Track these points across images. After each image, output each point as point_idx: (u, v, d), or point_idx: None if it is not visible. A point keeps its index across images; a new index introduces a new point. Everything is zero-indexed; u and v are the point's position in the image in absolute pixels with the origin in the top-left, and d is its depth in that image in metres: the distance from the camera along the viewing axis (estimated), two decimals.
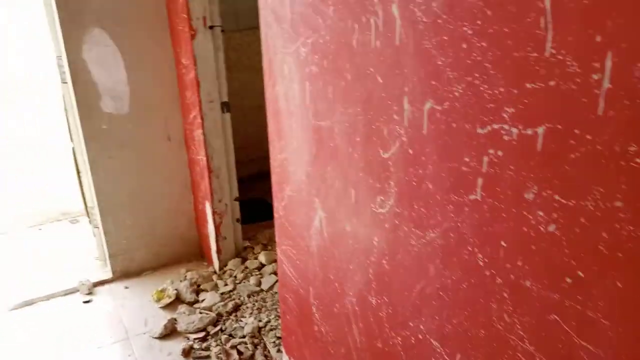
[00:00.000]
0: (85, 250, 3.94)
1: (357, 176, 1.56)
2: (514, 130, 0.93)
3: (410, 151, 1.27)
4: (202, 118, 3.14)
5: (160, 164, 3.46)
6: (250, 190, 3.62)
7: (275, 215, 2.26)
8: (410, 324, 1.46)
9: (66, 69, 3.03)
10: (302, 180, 1.95)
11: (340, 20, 1.46)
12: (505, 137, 0.95)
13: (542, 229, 0.91)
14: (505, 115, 0.94)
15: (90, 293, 3.43)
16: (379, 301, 1.59)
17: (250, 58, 4.35)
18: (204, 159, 3.25)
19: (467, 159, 1.07)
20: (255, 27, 2.62)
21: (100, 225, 3.48)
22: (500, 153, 0.98)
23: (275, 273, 3.21)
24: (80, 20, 2.93)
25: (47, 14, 3.03)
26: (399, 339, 1.53)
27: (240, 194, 3.49)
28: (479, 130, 1.02)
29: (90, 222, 3.70)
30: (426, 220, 1.27)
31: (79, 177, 3.56)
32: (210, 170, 3.27)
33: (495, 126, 0.97)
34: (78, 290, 3.45)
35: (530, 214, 0.93)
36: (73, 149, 3.48)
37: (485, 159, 1.01)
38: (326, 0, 1.51)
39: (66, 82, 3.16)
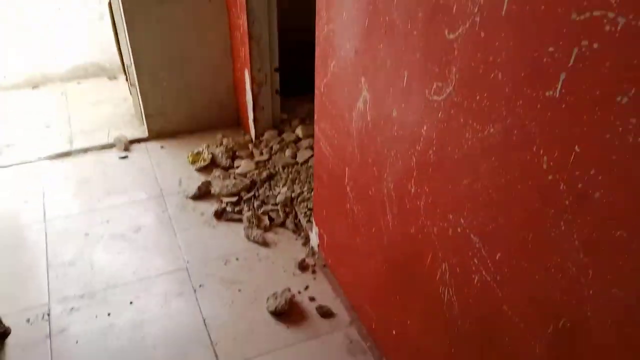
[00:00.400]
0: (122, 108, 3.95)
1: (413, 57, 1.43)
2: (621, 19, 0.79)
3: (482, 34, 1.13)
4: None
5: (200, 25, 3.31)
6: (294, 61, 3.46)
7: (316, 92, 2.16)
8: (450, 216, 1.41)
9: None
10: (349, 56, 1.81)
11: None
12: (607, 27, 0.81)
13: (630, 139, 0.81)
14: (612, 0, 0.80)
15: (126, 149, 3.49)
16: (418, 190, 1.54)
17: None
18: (245, 23, 3.08)
19: (551, 49, 0.94)
20: None
21: (137, 84, 3.44)
22: (596, 45, 0.84)
23: (311, 147, 3.18)
24: None
25: None
26: (435, 228, 1.50)
27: (283, 64, 3.36)
28: (574, 17, 0.87)
29: (127, 80, 3.66)
30: (488, 113, 1.16)
31: (116, 33, 3.45)
32: (250, 37, 3.11)
33: (597, 13, 0.82)
34: (114, 146, 3.51)
35: (619, 120, 0.82)
36: (109, 3, 3.32)
37: (575, 50, 0.88)
38: None
39: None
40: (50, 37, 4.12)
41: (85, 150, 3.46)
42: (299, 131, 3.37)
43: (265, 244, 2.65)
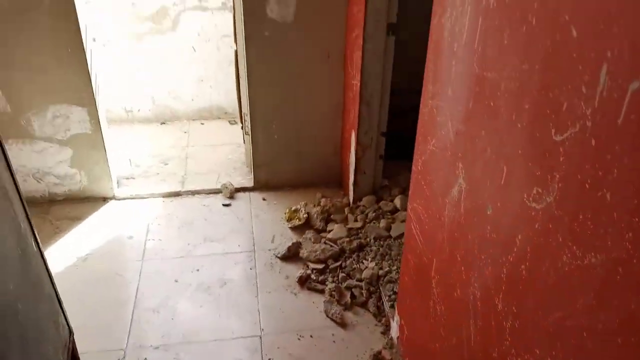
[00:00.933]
0: (236, 154, 4.08)
1: (514, 152, 1.22)
2: None
3: (593, 142, 0.90)
4: (364, 38, 2.87)
5: (316, 82, 3.32)
6: (402, 124, 3.31)
7: (414, 168, 1.99)
8: (537, 351, 1.15)
9: None
10: (449, 137, 1.63)
11: None
12: None
13: None
14: None
15: (231, 197, 3.56)
16: (505, 309, 1.29)
17: None
18: (358, 84, 3.02)
19: None
20: None
21: (250, 133, 3.52)
22: None
23: None
24: None
25: None
26: None
27: (393, 126, 3.24)
28: None
29: (242, 128, 3.77)
30: (590, 239, 0.92)
31: (238, 81, 3.59)
32: (361, 98, 3.04)
33: None
34: (221, 192, 3.60)
35: None
36: (236, 51, 3.48)
37: None
38: None
39: None
40: (184, 76, 4.41)
41: (194, 193, 3.59)
42: (397, 201, 3.19)
43: (343, 324, 2.47)
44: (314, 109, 3.41)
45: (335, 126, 3.49)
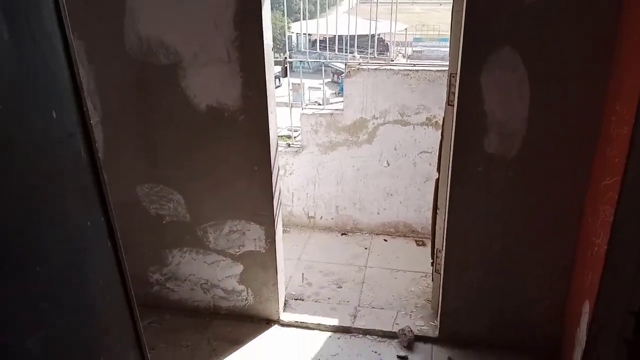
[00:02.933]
0: (420, 286, 3.46)
1: None
2: None
3: None
4: (620, 192, 2.10)
5: (537, 233, 2.59)
6: None
7: None
8: None
9: (456, 90, 2.44)
10: None
11: None
12: None
13: None
14: None
15: (408, 347, 2.92)
16: None
17: None
18: (603, 245, 2.22)
19: None
20: None
21: (442, 273, 2.89)
22: None
23: None
24: (489, 36, 2.27)
25: (453, 26, 2.48)
26: None
27: None
28: None
29: (432, 264, 3.16)
30: None
31: (435, 211, 3.02)
32: (606, 262, 2.23)
33: None
34: (397, 338, 2.98)
35: None
36: (437, 180, 2.94)
37: None
38: None
39: (452, 105, 2.59)
40: (373, 188, 4.01)
41: (365, 333, 3.03)
42: None
43: None
44: (529, 261, 2.66)
45: (558, 288, 2.67)
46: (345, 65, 3.81)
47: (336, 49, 5.92)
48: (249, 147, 2.77)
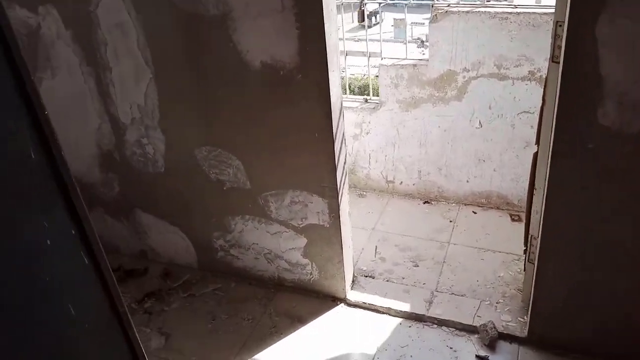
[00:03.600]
0: (510, 271, 2.99)
1: None
2: None
3: None
4: None
5: None
6: None
7: None
8: None
9: (562, 43, 1.88)
10: None
11: None
12: None
13: None
14: None
15: (490, 346, 2.52)
16: None
17: None
18: None
19: None
20: None
21: (536, 264, 2.42)
22: None
23: None
24: None
25: None
26: None
27: None
28: None
29: (525, 252, 2.67)
30: None
31: (532, 190, 2.50)
32: None
33: None
34: (477, 333, 2.59)
35: None
36: (536, 154, 2.41)
37: None
38: None
39: (557, 62, 2.03)
40: (462, 152, 3.51)
41: (441, 323, 2.67)
42: None
43: None
44: None
45: None
46: (432, 7, 3.24)
47: None
48: (308, 111, 2.42)
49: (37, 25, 2.70)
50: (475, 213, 3.58)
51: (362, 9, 3.49)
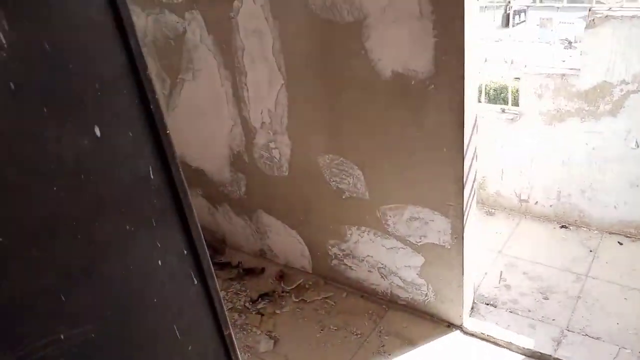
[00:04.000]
0: None
1: None
2: None
3: None
4: None
5: None
6: None
7: None
8: None
9: None
10: None
11: None
12: None
13: None
14: None
15: None
16: None
17: None
18: None
19: None
20: None
21: None
22: None
23: None
24: None
25: None
26: None
27: None
28: None
29: None
30: None
31: None
32: None
33: None
34: None
35: None
36: None
37: None
38: None
39: None
40: (611, 174, 3.10)
41: None
42: None
43: None
44: None
45: None
46: (589, 11, 2.88)
47: None
48: (438, 124, 2.27)
49: (184, 30, 2.85)
50: (621, 244, 3.16)
51: (508, 12, 3.18)
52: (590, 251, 3.11)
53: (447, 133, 2.27)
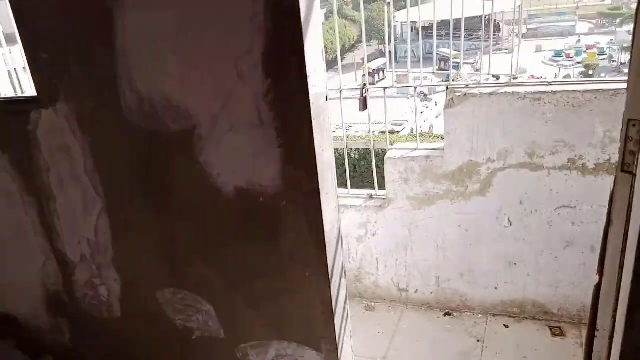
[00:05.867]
0: None
1: None
2: None
3: None
4: None
5: None
6: None
7: None
8: None
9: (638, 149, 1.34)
10: None
11: None
12: None
13: None
14: None
15: None
16: None
17: None
18: None
19: None
20: None
21: None
22: None
23: None
24: None
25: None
26: None
27: None
28: None
29: None
30: None
31: (593, 332, 1.92)
32: None
33: None
34: None
35: None
36: (598, 286, 1.84)
37: None
38: None
39: (629, 172, 1.49)
40: (488, 256, 2.94)
41: None
42: None
43: None
44: None
45: None
46: (447, 89, 2.74)
47: (443, 35, 4.60)
48: (296, 245, 1.88)
49: None
50: (507, 327, 2.97)
51: (364, 95, 2.96)
52: (478, 341, 2.88)
53: (307, 255, 1.88)
